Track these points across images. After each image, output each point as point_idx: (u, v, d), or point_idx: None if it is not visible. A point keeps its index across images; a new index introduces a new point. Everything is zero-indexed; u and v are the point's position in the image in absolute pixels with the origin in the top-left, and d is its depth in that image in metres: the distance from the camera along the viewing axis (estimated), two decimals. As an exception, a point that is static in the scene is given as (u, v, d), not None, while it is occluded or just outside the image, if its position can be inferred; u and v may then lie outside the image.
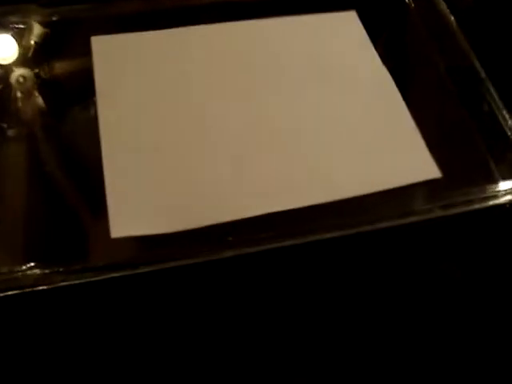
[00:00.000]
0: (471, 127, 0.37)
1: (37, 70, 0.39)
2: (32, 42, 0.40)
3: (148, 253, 0.31)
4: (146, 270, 0.29)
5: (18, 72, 0.39)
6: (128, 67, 0.39)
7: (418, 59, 0.42)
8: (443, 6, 0.42)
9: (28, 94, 0.38)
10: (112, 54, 0.39)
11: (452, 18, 0.42)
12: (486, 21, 0.46)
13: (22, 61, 0.39)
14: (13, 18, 0.41)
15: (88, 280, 0.29)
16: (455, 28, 0.41)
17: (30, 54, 0.40)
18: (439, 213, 0.33)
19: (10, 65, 0.39)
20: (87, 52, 0.39)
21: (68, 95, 0.38)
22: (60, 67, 0.40)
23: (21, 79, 0.39)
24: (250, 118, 0.36)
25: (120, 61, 0.39)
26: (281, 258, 0.32)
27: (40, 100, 0.38)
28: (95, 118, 0.35)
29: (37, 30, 0.41)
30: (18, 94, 0.38)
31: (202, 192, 0.33)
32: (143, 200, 0.32)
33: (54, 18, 0.41)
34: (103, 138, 0.34)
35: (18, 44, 0.40)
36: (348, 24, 0.41)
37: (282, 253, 0.31)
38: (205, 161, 0.34)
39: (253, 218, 0.31)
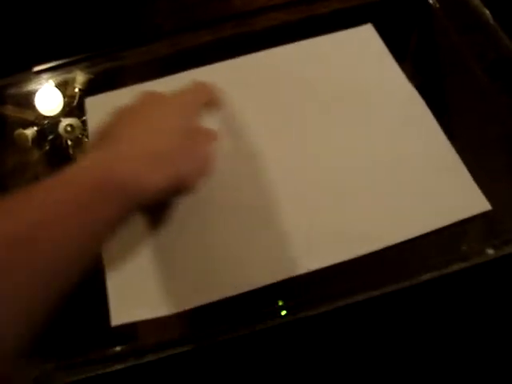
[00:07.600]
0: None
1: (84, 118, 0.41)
2: (76, 90, 0.43)
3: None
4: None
5: (66, 122, 0.42)
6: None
7: (451, 62, 0.39)
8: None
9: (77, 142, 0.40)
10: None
11: (486, 10, 0.38)
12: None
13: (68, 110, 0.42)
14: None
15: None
16: (491, 21, 0.37)
17: (75, 103, 0.42)
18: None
19: (58, 115, 0.41)
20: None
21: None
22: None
23: (69, 128, 0.41)
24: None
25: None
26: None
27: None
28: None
29: (80, 77, 0.44)
30: (68, 143, 0.40)
31: (198, 272, 0.33)
32: (142, 286, 0.32)
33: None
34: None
35: (64, 94, 0.43)
36: (366, 38, 0.39)
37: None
38: (193, 241, 0.34)
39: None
